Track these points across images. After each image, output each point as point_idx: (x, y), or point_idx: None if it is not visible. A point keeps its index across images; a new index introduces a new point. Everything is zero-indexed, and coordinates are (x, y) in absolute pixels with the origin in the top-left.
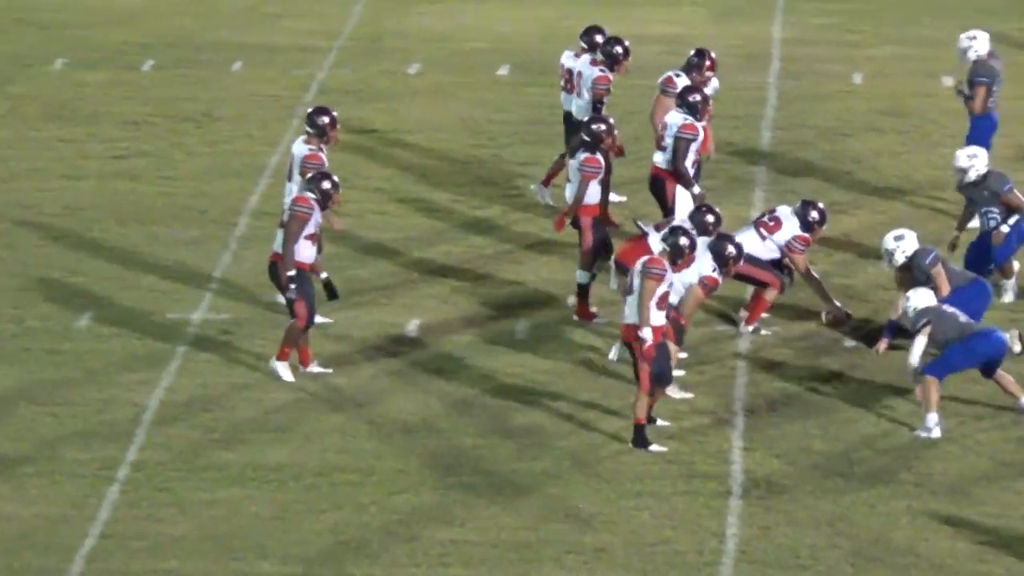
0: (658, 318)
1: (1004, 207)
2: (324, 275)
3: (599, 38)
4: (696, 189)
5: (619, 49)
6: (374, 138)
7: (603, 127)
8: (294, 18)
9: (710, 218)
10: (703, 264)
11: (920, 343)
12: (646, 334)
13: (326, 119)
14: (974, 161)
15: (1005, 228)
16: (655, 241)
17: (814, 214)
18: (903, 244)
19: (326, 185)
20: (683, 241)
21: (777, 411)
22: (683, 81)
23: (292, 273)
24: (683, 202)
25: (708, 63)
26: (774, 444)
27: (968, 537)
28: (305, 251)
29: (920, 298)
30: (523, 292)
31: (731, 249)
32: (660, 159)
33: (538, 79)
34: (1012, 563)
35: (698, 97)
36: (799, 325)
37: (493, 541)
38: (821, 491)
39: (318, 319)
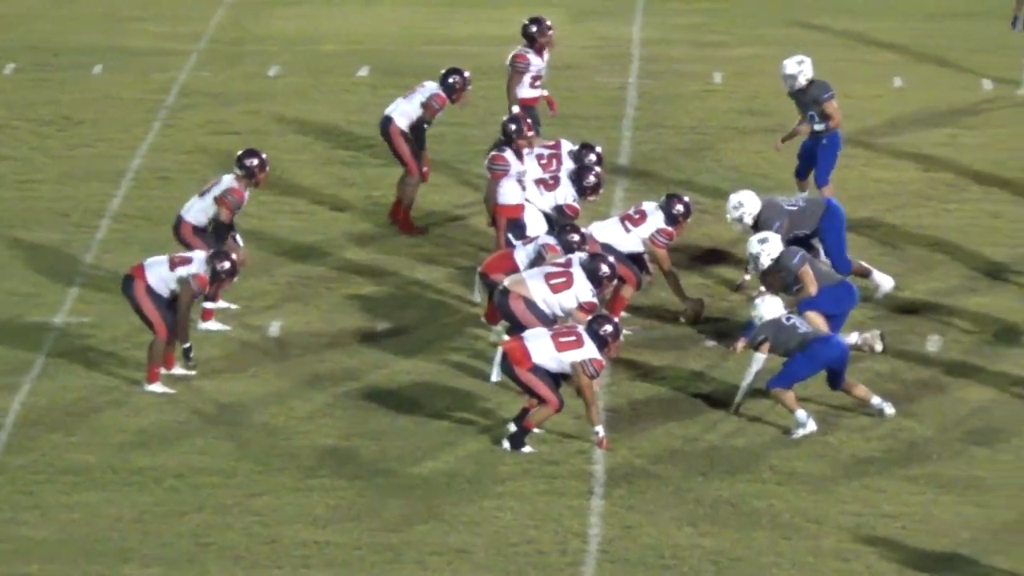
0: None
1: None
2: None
3: (532, 28)
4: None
5: (533, 28)
6: (235, 140)
7: (514, 127)
8: (154, 21)
9: (575, 237)
10: (581, 290)
11: (757, 360)
12: (600, 431)
13: (255, 161)
14: (765, 246)
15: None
16: (521, 255)
17: (679, 207)
18: (767, 247)
19: (224, 266)
20: (608, 329)
21: (639, 411)
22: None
23: (188, 345)
24: (533, 219)
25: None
26: (636, 444)
27: (830, 535)
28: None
29: (767, 308)
30: (384, 293)
31: (605, 269)
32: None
33: (397, 81)
34: (874, 561)
35: (593, 181)
36: (659, 325)
37: (355, 543)
38: (683, 490)
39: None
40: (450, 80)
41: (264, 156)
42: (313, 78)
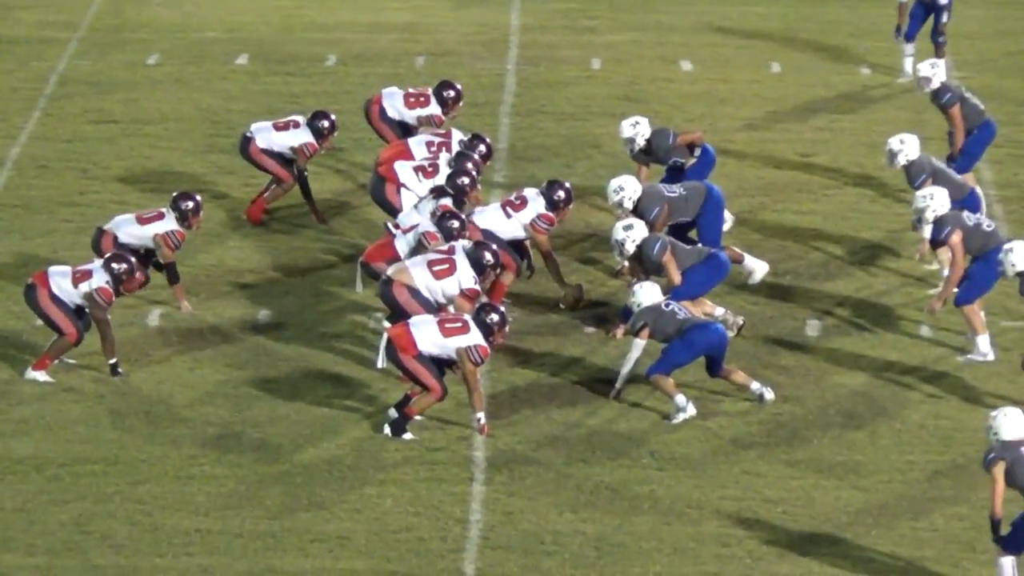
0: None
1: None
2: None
3: (450, 94)
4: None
5: (451, 93)
6: (115, 128)
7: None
8: (33, 9)
9: (456, 224)
10: (464, 276)
11: (637, 346)
12: (482, 418)
13: (190, 204)
14: (630, 232)
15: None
16: (402, 243)
17: (560, 193)
18: (632, 233)
19: (122, 267)
20: (495, 317)
21: (520, 397)
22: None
23: (114, 361)
24: (408, 202)
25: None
26: (517, 430)
27: (711, 520)
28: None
29: (646, 295)
30: (265, 281)
31: (488, 257)
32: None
33: (276, 68)
34: (755, 547)
35: (466, 181)
36: (540, 311)
37: (237, 530)
38: (564, 477)
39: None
40: (319, 124)
41: (199, 199)
42: (192, 66)
